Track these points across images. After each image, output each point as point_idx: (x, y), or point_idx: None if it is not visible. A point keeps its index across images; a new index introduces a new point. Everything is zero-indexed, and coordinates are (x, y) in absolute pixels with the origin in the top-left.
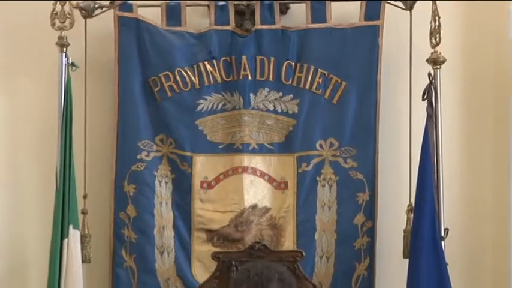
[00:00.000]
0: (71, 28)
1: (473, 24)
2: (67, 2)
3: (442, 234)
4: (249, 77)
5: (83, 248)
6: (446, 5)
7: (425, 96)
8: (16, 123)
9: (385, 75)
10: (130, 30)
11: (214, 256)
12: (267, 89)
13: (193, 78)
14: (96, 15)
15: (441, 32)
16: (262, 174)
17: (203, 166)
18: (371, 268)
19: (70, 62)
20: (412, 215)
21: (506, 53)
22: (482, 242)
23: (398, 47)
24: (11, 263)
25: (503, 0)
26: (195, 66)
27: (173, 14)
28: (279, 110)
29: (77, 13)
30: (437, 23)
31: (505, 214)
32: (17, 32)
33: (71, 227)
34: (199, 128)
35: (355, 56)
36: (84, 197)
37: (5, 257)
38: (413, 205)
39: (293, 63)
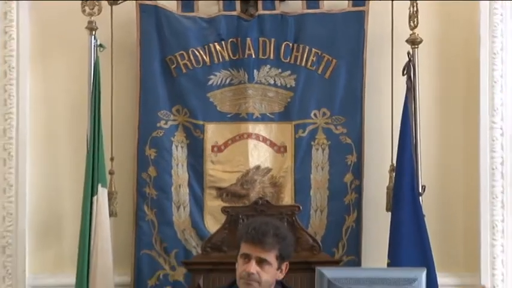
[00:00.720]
0: (98, 14)
1: (446, 9)
2: None
3: (420, 190)
4: (253, 56)
5: (110, 204)
6: None
7: (405, 72)
8: (53, 97)
9: (370, 54)
10: (150, 16)
11: (224, 210)
12: (268, 66)
13: (204, 57)
14: (120, 3)
15: (418, 16)
16: (264, 140)
17: (213, 133)
18: (358, 220)
19: (98, 43)
20: (393, 174)
21: (475, 34)
22: (454, 196)
23: (382, 29)
24: (48, 218)
25: None
26: (206, 47)
27: (187, 1)
28: (279, 84)
29: (104, 1)
30: (415, 8)
31: (475, 172)
32: (52, 18)
33: (99, 185)
34: (210, 99)
35: (344, 37)
36: (111, 159)
37: (43, 212)
38: (394, 165)
39: (291, 44)
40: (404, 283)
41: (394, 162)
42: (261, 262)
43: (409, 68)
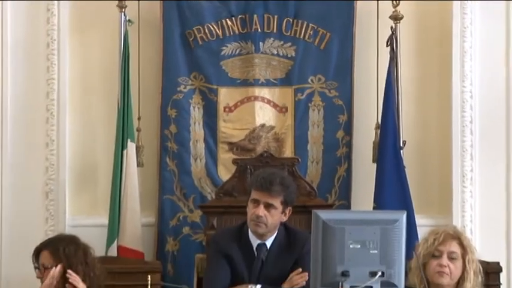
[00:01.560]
0: None
1: None
2: None
3: (401, 144)
4: (259, 30)
5: (137, 156)
6: None
7: (388, 43)
8: (88, 65)
9: (358, 28)
10: None
11: (234, 161)
12: (272, 39)
13: (218, 31)
14: None
15: None
16: (268, 102)
17: (225, 96)
18: (349, 170)
19: (127, 19)
20: (378, 131)
21: (448, 11)
22: (430, 150)
23: (369, 7)
24: (85, 168)
25: None
26: (219, 22)
27: None
28: (281, 54)
29: None
30: None
31: (448, 129)
32: None
33: (128, 140)
34: (222, 67)
35: (337, 14)
36: (139, 118)
37: (81, 163)
38: (379, 123)
39: (291, 19)
40: (387, 224)
41: (379, 120)
42: (268, 206)
43: (391, 40)
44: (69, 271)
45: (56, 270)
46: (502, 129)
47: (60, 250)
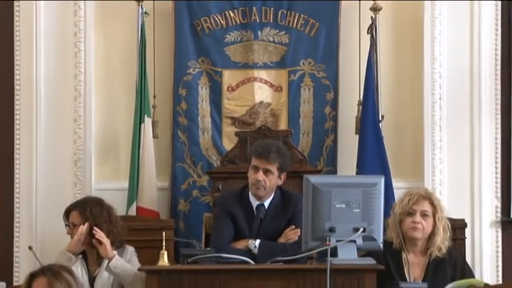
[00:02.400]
0: None
1: None
2: None
3: (379, 118)
4: (257, 20)
5: (153, 129)
6: None
7: (369, 31)
8: (111, 51)
9: (343, 18)
10: None
11: (236, 134)
12: (268, 28)
13: (222, 21)
14: None
15: None
16: (266, 82)
17: (228, 77)
18: (335, 141)
19: (144, 11)
20: (360, 107)
21: (420, 3)
22: (405, 122)
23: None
24: (108, 140)
25: None
26: (223, 13)
27: None
28: (276, 41)
29: None
30: None
31: (420, 105)
32: None
33: (145, 116)
34: (226, 52)
35: (325, 6)
36: (154, 96)
37: (105, 136)
38: (361, 100)
39: (285, 11)
40: (368, 186)
41: (361, 97)
42: (266, 172)
43: (372, 29)
44: (95, 228)
45: (83, 228)
46: (466, 105)
47: (87, 210)
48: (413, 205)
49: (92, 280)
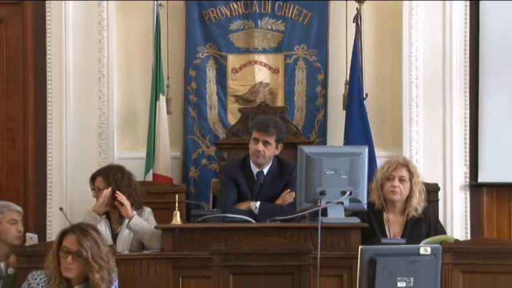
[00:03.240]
0: None
1: None
2: None
3: (364, 96)
4: (257, 11)
5: (167, 106)
6: None
7: (354, 20)
8: (130, 38)
9: (332, 8)
10: None
11: (239, 110)
12: (267, 17)
13: (226, 12)
14: None
15: None
16: (265, 65)
17: (232, 60)
18: (325, 116)
19: (159, 3)
20: (347, 86)
21: None
22: (386, 100)
23: None
24: (128, 115)
25: None
26: (228, 5)
27: None
28: (274, 29)
29: None
30: None
31: (399, 84)
32: None
33: (160, 94)
34: (230, 39)
35: None
36: (168, 78)
37: (125, 111)
38: (348, 80)
39: (281, 3)
40: (354, 156)
41: (348, 78)
42: (265, 143)
43: (357, 18)
44: (117, 192)
45: (107, 191)
46: (439, 84)
47: (111, 176)
48: (392, 171)
49: (114, 237)
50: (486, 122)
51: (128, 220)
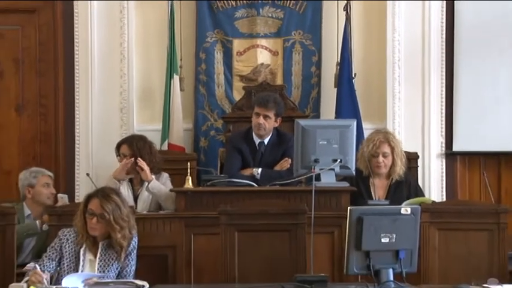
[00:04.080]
0: None
1: None
2: None
3: (353, 75)
4: (259, 1)
5: (180, 84)
6: None
7: (345, 9)
8: (148, 25)
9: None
10: None
11: (243, 88)
12: (268, 6)
13: (232, 1)
14: None
15: None
16: (266, 48)
17: (237, 44)
18: (319, 93)
19: None
20: (338, 67)
21: None
22: (372, 79)
23: None
24: (146, 92)
25: None
26: None
27: None
28: (274, 16)
29: None
30: None
31: (384, 64)
32: None
33: (174, 74)
34: (236, 25)
35: None
36: (181, 59)
37: (144, 89)
38: (339, 61)
39: None
40: (344, 128)
41: (339, 59)
42: (265, 117)
43: (347, 7)
44: (139, 158)
45: (127, 161)
46: (419, 65)
47: (134, 144)
48: (376, 149)
49: (135, 198)
50: (459, 98)
51: (147, 183)
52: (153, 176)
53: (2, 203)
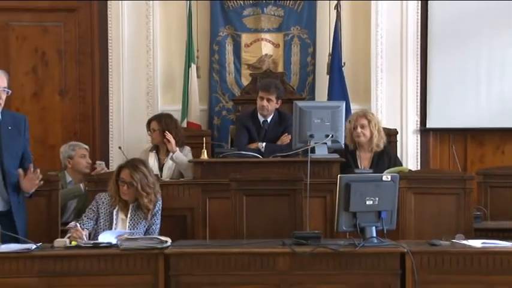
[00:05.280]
0: None
1: None
2: None
3: (342, 64)
4: (263, 1)
5: (197, 72)
6: None
7: (335, 7)
8: (169, 22)
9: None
10: None
11: (250, 75)
12: (270, 6)
13: (240, 1)
14: None
15: None
16: (269, 41)
17: (245, 38)
18: (314, 79)
19: None
20: (330, 57)
21: None
22: (359, 67)
23: None
24: (168, 79)
25: None
26: None
27: None
28: (276, 14)
29: None
30: None
31: (369, 52)
32: None
33: (192, 63)
34: (244, 22)
35: None
36: (197, 50)
37: (166, 75)
38: (330, 52)
39: None
40: (334, 108)
41: (330, 50)
42: (268, 100)
43: (337, 6)
44: (167, 132)
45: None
46: (398, 55)
47: (163, 120)
48: (355, 122)
49: (161, 166)
50: (432, 82)
51: (172, 154)
52: (177, 148)
53: (47, 172)
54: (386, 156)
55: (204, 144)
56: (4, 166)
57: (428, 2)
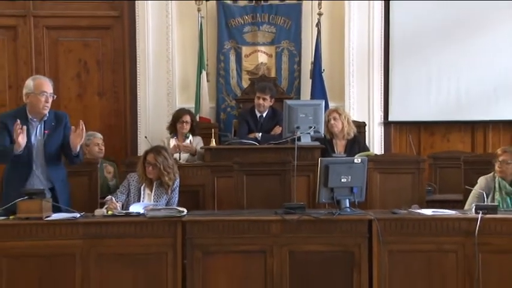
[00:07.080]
0: None
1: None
2: None
3: (322, 70)
4: (259, 20)
5: (207, 77)
6: None
7: (317, 25)
8: (184, 37)
9: (304, 18)
10: None
11: (249, 79)
12: (265, 24)
13: (241, 21)
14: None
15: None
16: (264, 52)
17: (245, 50)
18: (299, 83)
19: (201, 16)
20: (312, 65)
21: (342, 3)
22: (335, 71)
23: (308, 7)
24: (184, 81)
25: None
26: (242, 17)
27: None
28: (269, 31)
29: None
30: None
31: (342, 60)
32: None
33: (203, 70)
34: (244, 37)
35: (294, 11)
36: (207, 59)
37: (182, 78)
38: (313, 60)
39: (273, 16)
40: (316, 105)
41: (313, 59)
42: (263, 99)
43: (318, 23)
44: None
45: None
46: (365, 63)
47: (190, 115)
48: (329, 116)
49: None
50: (393, 85)
51: (189, 140)
52: (192, 138)
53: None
54: (357, 144)
55: (213, 135)
56: (47, 152)
57: (390, 22)
